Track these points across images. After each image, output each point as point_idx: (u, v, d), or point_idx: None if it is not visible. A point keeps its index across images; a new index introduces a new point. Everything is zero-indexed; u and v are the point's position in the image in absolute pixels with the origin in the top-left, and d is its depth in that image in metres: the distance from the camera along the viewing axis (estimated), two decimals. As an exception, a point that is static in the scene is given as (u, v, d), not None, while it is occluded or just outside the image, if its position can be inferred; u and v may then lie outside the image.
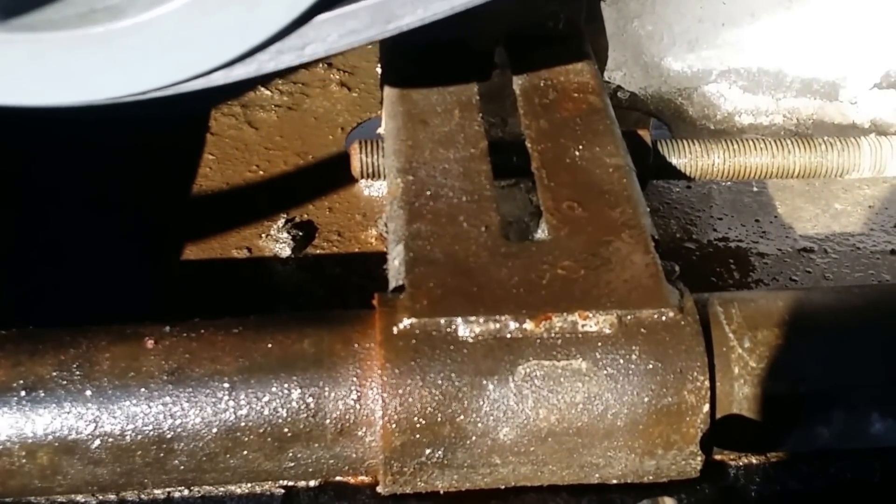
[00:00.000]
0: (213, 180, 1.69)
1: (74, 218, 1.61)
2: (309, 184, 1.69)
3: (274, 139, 1.77)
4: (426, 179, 1.34)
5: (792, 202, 1.70)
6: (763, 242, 1.63)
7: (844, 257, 1.61)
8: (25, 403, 1.10)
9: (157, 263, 1.53)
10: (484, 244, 1.25)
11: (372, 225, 1.62)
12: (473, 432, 1.14)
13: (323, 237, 1.61)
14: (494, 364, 1.14)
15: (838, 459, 1.28)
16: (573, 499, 1.25)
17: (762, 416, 1.18)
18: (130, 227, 1.60)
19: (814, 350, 1.19)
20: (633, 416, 1.14)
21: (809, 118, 1.87)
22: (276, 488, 1.26)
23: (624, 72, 1.88)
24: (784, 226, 1.67)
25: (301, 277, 1.54)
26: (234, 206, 1.64)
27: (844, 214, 1.69)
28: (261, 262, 1.56)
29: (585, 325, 1.16)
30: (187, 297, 1.42)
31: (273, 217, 1.61)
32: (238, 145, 1.76)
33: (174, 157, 1.72)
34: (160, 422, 1.12)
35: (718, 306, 1.22)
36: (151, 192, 1.66)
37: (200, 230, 1.60)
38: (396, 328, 1.15)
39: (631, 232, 1.27)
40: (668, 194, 1.72)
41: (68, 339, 1.14)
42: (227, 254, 1.57)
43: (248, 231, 1.60)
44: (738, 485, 1.27)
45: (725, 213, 1.68)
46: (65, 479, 1.12)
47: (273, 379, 1.13)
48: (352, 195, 1.67)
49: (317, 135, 1.78)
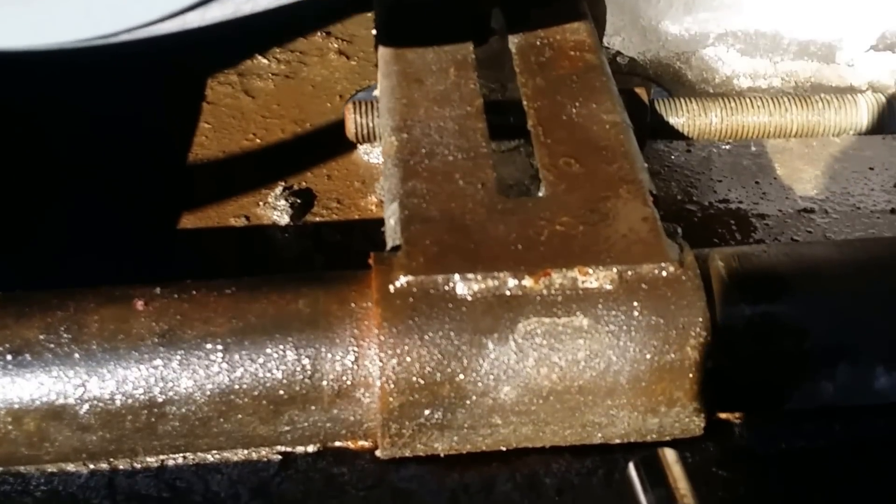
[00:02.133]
0: (210, 149, 1.62)
1: (71, 189, 1.54)
2: (307, 152, 1.62)
3: (271, 107, 1.70)
4: (421, 137, 1.27)
5: (791, 164, 1.63)
6: (763, 204, 1.56)
7: (845, 217, 1.54)
8: (11, 368, 1.03)
9: (153, 233, 1.46)
10: (481, 201, 1.18)
11: (371, 192, 1.54)
12: (473, 392, 1.07)
13: (322, 204, 1.54)
14: (494, 322, 1.07)
15: (843, 417, 1.22)
16: (576, 460, 1.19)
17: (766, 372, 1.11)
18: (127, 197, 1.53)
19: (817, 304, 1.12)
20: (635, 373, 1.07)
21: (807, 81, 1.79)
22: (273, 454, 1.19)
23: (622, 37, 1.80)
24: (784, 187, 1.60)
25: (300, 245, 1.47)
26: (231, 174, 1.58)
27: (844, 175, 1.61)
28: (259, 230, 1.49)
29: (585, 281, 1.09)
30: (184, 266, 1.35)
31: (271, 185, 1.54)
32: (234, 114, 1.68)
33: (168, 126, 1.65)
34: (151, 385, 1.05)
35: (719, 261, 1.15)
36: (146, 161, 1.59)
37: (197, 199, 1.53)
38: (393, 286, 1.08)
39: (629, 187, 1.20)
40: (668, 158, 1.65)
41: (56, 302, 1.07)
42: (224, 222, 1.50)
43: (246, 199, 1.53)
44: (742, 443, 1.21)
45: (725, 176, 1.60)
46: (53, 447, 1.06)
47: (268, 340, 1.06)
48: (351, 162, 1.60)
49: (315, 103, 1.71)
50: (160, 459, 1.18)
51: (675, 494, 0.88)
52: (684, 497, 0.88)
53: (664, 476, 0.90)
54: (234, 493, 1.16)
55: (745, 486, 1.17)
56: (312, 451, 1.19)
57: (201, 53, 1.72)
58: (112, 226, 1.49)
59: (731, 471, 1.19)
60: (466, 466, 1.18)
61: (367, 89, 1.73)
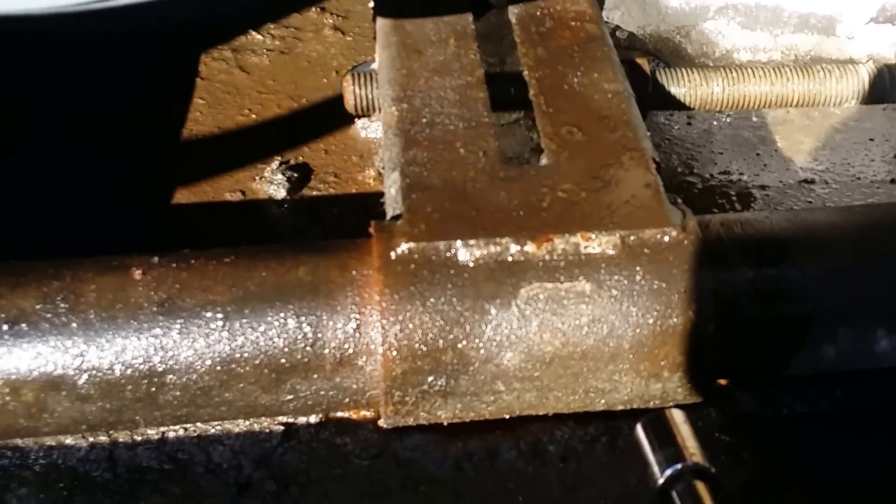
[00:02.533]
0: (204, 124, 1.60)
1: (66, 163, 1.53)
2: (303, 127, 1.60)
3: (266, 83, 1.68)
4: (421, 107, 1.25)
5: (792, 135, 1.62)
6: (764, 175, 1.55)
7: (845, 187, 1.53)
8: (7, 338, 1.02)
9: (148, 207, 1.45)
10: (482, 169, 1.17)
11: (369, 166, 1.53)
12: (476, 358, 1.06)
13: (319, 179, 1.52)
14: (496, 288, 1.06)
15: (845, 382, 1.21)
16: (579, 427, 1.18)
17: (768, 336, 1.11)
18: (121, 173, 1.51)
19: (819, 268, 1.11)
20: (638, 338, 1.07)
21: (807, 54, 1.78)
22: (276, 425, 1.18)
23: (622, 11, 1.78)
24: (785, 158, 1.59)
25: (297, 219, 1.46)
26: (226, 149, 1.55)
27: (844, 146, 1.60)
28: (255, 205, 1.47)
29: (588, 246, 1.08)
30: (179, 241, 1.33)
31: (267, 160, 1.52)
32: (229, 89, 1.66)
33: (163, 102, 1.63)
34: (150, 354, 1.04)
35: (721, 226, 1.14)
36: (141, 136, 1.57)
37: (191, 174, 1.51)
38: (394, 253, 1.07)
39: (631, 154, 1.19)
40: (668, 130, 1.64)
41: (52, 272, 1.06)
42: (219, 197, 1.48)
43: (242, 174, 1.51)
44: (744, 409, 1.20)
45: (726, 148, 1.59)
46: (52, 418, 1.05)
47: (268, 308, 1.05)
48: (348, 137, 1.58)
49: (310, 78, 1.69)
50: (161, 431, 1.17)
51: (685, 453, 0.88)
52: (693, 456, 0.87)
53: (672, 435, 0.89)
54: (236, 464, 1.15)
55: (747, 451, 1.17)
56: (315, 421, 1.18)
57: (195, 29, 1.70)
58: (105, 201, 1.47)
59: (733, 436, 1.18)
60: (470, 435, 1.17)
61: (363, 65, 1.71)
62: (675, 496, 0.90)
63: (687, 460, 0.90)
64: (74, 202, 1.46)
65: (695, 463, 0.90)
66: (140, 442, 1.15)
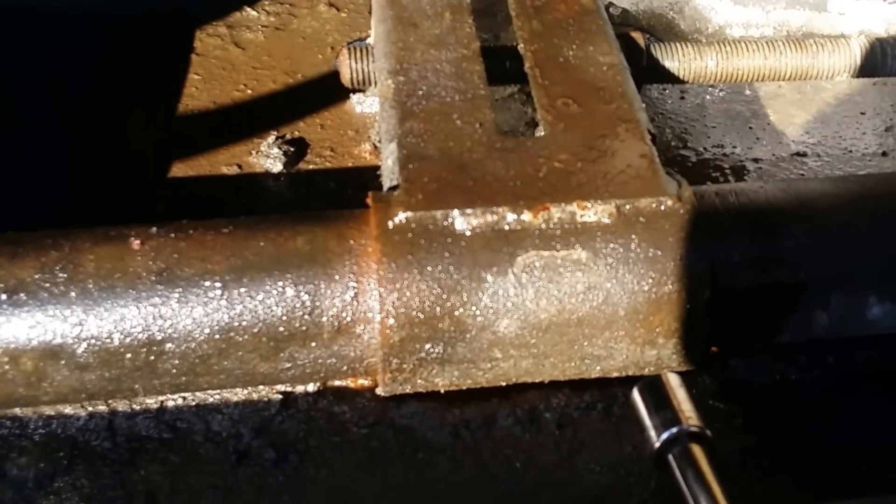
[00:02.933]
0: (200, 100, 1.59)
1: (60, 134, 1.52)
2: (299, 102, 1.59)
3: (261, 59, 1.67)
4: (418, 80, 1.25)
5: (784, 109, 1.62)
6: (757, 148, 1.55)
7: (837, 160, 1.53)
8: (6, 307, 1.01)
9: (143, 179, 1.44)
10: (479, 140, 1.17)
11: (365, 140, 1.52)
12: (473, 326, 1.06)
13: (315, 153, 1.51)
14: (493, 256, 1.06)
15: (836, 349, 1.22)
16: (575, 394, 1.19)
17: (763, 303, 1.11)
18: (115, 148, 1.50)
19: (812, 236, 1.12)
20: (633, 305, 1.07)
21: (799, 30, 1.77)
22: (274, 394, 1.19)
23: (614, -14, 1.78)
24: (777, 132, 1.59)
25: (294, 192, 1.45)
26: (222, 124, 1.54)
27: (836, 120, 1.60)
28: (252, 178, 1.47)
29: (584, 215, 1.08)
30: (176, 213, 1.33)
31: (263, 134, 1.52)
32: (224, 65, 1.65)
33: (158, 78, 1.62)
34: (149, 323, 1.03)
35: (716, 196, 1.14)
36: (137, 110, 1.56)
37: (187, 148, 1.50)
38: (392, 223, 1.07)
39: (627, 126, 1.19)
40: (662, 105, 1.64)
41: (50, 242, 1.05)
42: (216, 170, 1.48)
43: (238, 148, 1.51)
44: (738, 376, 1.21)
45: (719, 122, 1.59)
46: (51, 387, 1.04)
47: (266, 277, 1.05)
48: (343, 112, 1.58)
49: (306, 55, 1.68)
50: (160, 400, 1.17)
51: (680, 416, 0.88)
52: (689, 419, 0.88)
53: (668, 399, 0.89)
54: (235, 432, 1.15)
55: (741, 417, 1.18)
56: (313, 390, 1.19)
57: (189, 5, 1.69)
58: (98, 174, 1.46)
59: (727, 403, 1.19)
60: (467, 402, 1.18)
61: (358, 41, 1.71)
62: (672, 459, 0.90)
63: (683, 424, 0.90)
64: (67, 176, 1.46)
65: (691, 426, 0.90)
66: (139, 411, 1.15)
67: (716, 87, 1.66)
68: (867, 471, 1.11)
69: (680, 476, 0.88)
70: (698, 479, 0.86)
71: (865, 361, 1.21)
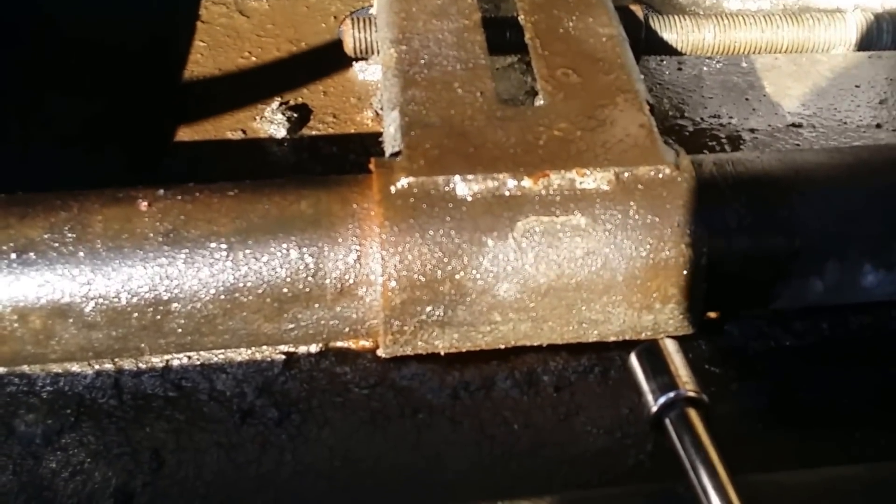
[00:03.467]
0: (205, 66, 1.58)
1: (66, 98, 1.51)
2: (302, 69, 1.59)
3: (266, 27, 1.66)
4: (420, 49, 1.24)
5: (780, 81, 1.62)
6: (753, 119, 1.55)
7: (832, 131, 1.53)
8: (16, 266, 1.01)
9: (148, 144, 1.44)
10: (480, 108, 1.16)
11: (367, 107, 1.52)
12: (473, 289, 1.07)
13: (318, 119, 1.51)
14: (493, 221, 1.06)
15: (831, 316, 1.23)
16: (573, 358, 1.20)
17: (758, 269, 1.11)
18: (120, 112, 1.50)
19: (808, 204, 1.12)
20: (631, 270, 1.07)
21: (795, 4, 1.77)
22: (277, 354, 1.20)
23: (613, -42, 1.76)
24: (773, 103, 1.59)
25: (297, 157, 1.45)
26: (226, 90, 1.54)
27: (831, 92, 1.60)
28: (256, 143, 1.47)
29: (583, 182, 1.08)
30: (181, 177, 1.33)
31: (267, 100, 1.51)
32: (230, 33, 1.64)
33: (163, 44, 1.62)
34: (156, 283, 1.04)
35: (714, 164, 1.14)
36: (142, 75, 1.55)
37: (192, 113, 1.49)
38: (394, 187, 1.07)
39: (626, 96, 1.19)
40: (660, 75, 1.63)
41: (59, 203, 1.05)
42: (221, 135, 1.47)
43: (242, 114, 1.50)
44: (733, 341, 1.22)
45: (716, 93, 1.59)
46: (59, 345, 1.04)
47: (271, 239, 1.05)
48: (346, 80, 1.57)
49: (309, 23, 1.67)
50: (165, 360, 1.18)
51: (678, 381, 0.89)
52: (686, 384, 0.88)
53: (666, 364, 0.90)
54: (239, 391, 1.17)
55: (736, 382, 1.19)
56: (316, 350, 1.20)
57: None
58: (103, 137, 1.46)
59: (722, 368, 1.21)
60: (466, 365, 1.19)
61: (360, 10, 1.70)
62: (669, 424, 0.91)
63: (680, 389, 0.91)
64: (75, 141, 1.45)
65: (688, 391, 0.91)
66: (145, 370, 1.16)
67: (713, 59, 1.65)
68: (860, 435, 1.13)
69: (677, 440, 0.89)
70: (695, 444, 0.87)
71: (859, 328, 1.22)
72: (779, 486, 0.89)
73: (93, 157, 1.42)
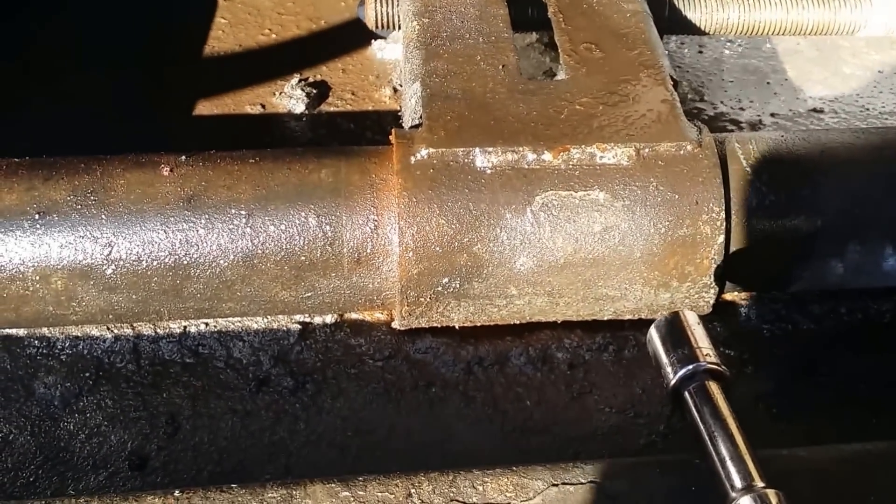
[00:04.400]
0: (226, 42, 1.58)
1: (89, 70, 1.51)
2: (322, 47, 1.58)
3: (286, 5, 1.65)
4: (443, 22, 1.24)
5: (802, 66, 1.59)
6: (774, 103, 1.53)
7: (853, 117, 1.51)
8: (39, 227, 1.02)
9: (168, 117, 1.44)
10: (501, 81, 1.15)
11: (385, 84, 1.51)
12: (490, 262, 1.06)
13: (336, 96, 1.50)
14: (512, 194, 1.06)
15: (849, 300, 1.22)
16: (587, 335, 1.19)
17: (778, 249, 1.10)
18: (142, 82, 1.50)
19: (831, 184, 1.10)
20: (649, 247, 1.06)
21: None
22: (293, 324, 1.19)
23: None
24: (794, 88, 1.57)
25: (315, 132, 1.45)
26: (246, 66, 1.54)
27: (853, 77, 1.58)
28: (274, 118, 1.46)
29: (603, 156, 1.07)
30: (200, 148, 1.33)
31: (286, 77, 1.51)
32: (250, 10, 1.64)
33: (186, 19, 1.62)
34: (176, 248, 1.04)
35: (737, 143, 1.13)
36: (163, 50, 1.55)
37: (212, 88, 1.49)
38: (414, 158, 1.06)
39: (649, 71, 1.18)
40: (680, 59, 1.61)
41: (82, 166, 1.05)
42: (240, 109, 1.47)
43: (262, 89, 1.50)
44: (750, 324, 1.21)
45: (737, 76, 1.57)
46: (80, 306, 1.05)
47: (290, 207, 1.05)
48: (365, 58, 1.56)
49: (329, 1, 1.66)
50: (183, 326, 1.18)
51: (698, 353, 0.88)
52: (707, 356, 0.87)
53: (686, 336, 0.89)
54: (255, 360, 1.16)
55: (752, 364, 1.18)
56: (331, 321, 1.19)
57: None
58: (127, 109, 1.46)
59: (738, 350, 1.19)
60: (480, 340, 1.18)
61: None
62: (688, 395, 0.90)
63: (700, 361, 0.90)
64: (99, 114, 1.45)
65: (708, 363, 0.90)
66: (163, 335, 1.16)
67: (734, 42, 1.63)
68: (877, 422, 1.11)
69: (696, 412, 0.88)
70: (714, 415, 0.86)
71: (878, 314, 1.20)
72: (799, 461, 0.88)
73: (116, 129, 1.43)
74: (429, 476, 0.84)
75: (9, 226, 1.01)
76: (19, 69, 1.52)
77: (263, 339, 1.16)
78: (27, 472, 1.05)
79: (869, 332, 1.19)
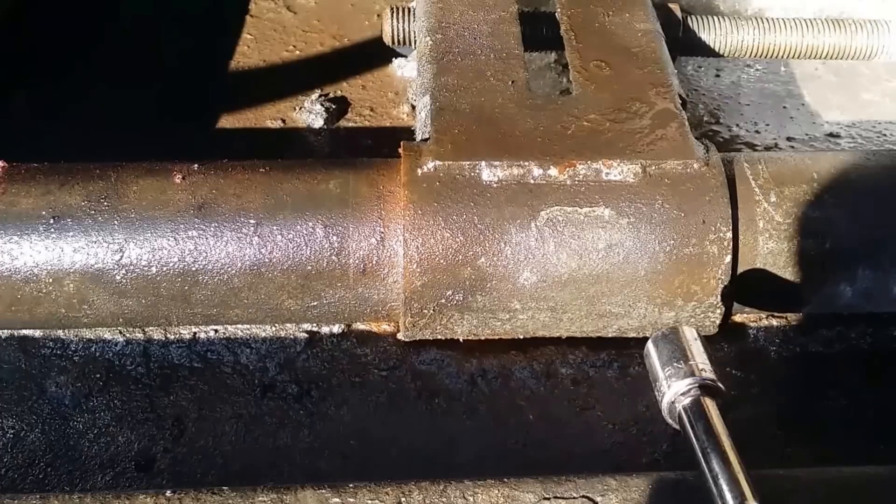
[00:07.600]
0: (251, 58, 1.59)
1: (119, 84, 1.53)
2: (344, 64, 1.58)
3: (311, 23, 1.66)
4: (455, 38, 1.23)
5: (820, 91, 1.56)
6: (790, 127, 1.50)
7: (870, 142, 1.47)
8: (53, 231, 1.02)
9: (192, 129, 1.45)
10: (510, 97, 1.14)
11: (404, 102, 1.51)
12: (494, 275, 1.04)
13: (356, 112, 1.50)
14: (517, 208, 1.04)
15: (858, 324, 1.18)
16: (592, 352, 1.16)
17: (786, 271, 1.07)
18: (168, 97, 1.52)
19: (841, 206, 1.06)
20: (654, 265, 1.04)
21: (839, 15, 1.70)
22: (300, 332, 1.18)
23: (656, -35, 1.73)
24: (811, 112, 1.53)
25: (333, 147, 1.45)
26: (269, 81, 1.54)
27: (872, 104, 1.54)
28: (294, 132, 1.46)
29: (609, 173, 1.05)
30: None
31: (307, 92, 1.51)
32: (276, 27, 1.65)
33: (213, 35, 1.63)
34: (185, 254, 1.03)
35: (745, 163, 1.10)
36: (191, 64, 1.57)
37: (235, 102, 1.50)
38: (421, 170, 1.05)
39: (658, 90, 1.16)
40: (697, 82, 1.59)
41: (98, 172, 1.06)
42: (261, 124, 1.48)
43: (283, 104, 1.50)
44: (757, 346, 1.17)
45: (753, 100, 1.54)
46: (91, 309, 1.05)
47: (298, 217, 1.04)
48: (385, 75, 1.56)
49: (353, 20, 1.67)
50: (192, 332, 1.17)
51: (694, 369, 0.85)
52: (703, 371, 0.84)
53: (683, 351, 0.86)
54: (262, 366, 1.15)
55: (757, 386, 1.14)
56: (338, 331, 1.18)
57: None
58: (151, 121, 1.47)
59: (744, 371, 1.16)
60: (485, 353, 1.16)
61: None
62: (682, 411, 0.87)
63: (696, 376, 0.87)
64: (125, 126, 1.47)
65: (704, 378, 0.87)
66: (173, 340, 1.16)
67: (751, 66, 1.60)
68: (884, 448, 1.07)
69: (690, 427, 0.85)
70: (708, 431, 0.83)
71: (888, 339, 1.16)
72: (796, 482, 0.84)
73: (139, 141, 1.44)
74: (419, 485, 0.82)
75: (24, 229, 1.01)
76: (51, 84, 1.55)
77: (271, 346, 1.16)
78: (37, 468, 1.05)
79: (878, 358, 1.15)
